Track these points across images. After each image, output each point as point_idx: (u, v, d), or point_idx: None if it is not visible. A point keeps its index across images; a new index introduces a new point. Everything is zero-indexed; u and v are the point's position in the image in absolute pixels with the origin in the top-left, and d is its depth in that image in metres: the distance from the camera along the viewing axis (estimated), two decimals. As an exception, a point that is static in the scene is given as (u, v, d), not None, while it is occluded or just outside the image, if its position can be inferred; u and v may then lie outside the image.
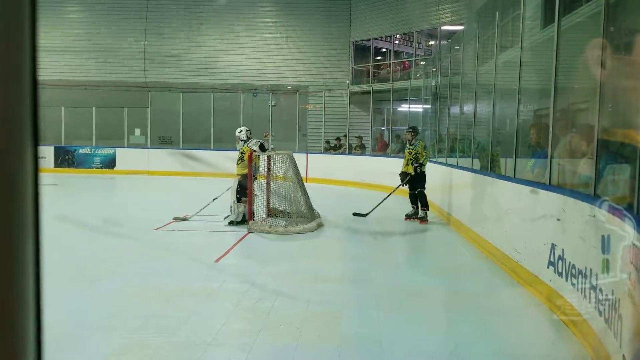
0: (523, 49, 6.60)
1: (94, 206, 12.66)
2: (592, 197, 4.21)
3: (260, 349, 3.98)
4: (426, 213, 10.28)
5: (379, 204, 10.67)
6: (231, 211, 9.50)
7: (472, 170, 8.94)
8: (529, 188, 5.97)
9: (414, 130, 10.79)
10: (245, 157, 9.26)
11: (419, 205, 10.31)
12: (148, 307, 4.96)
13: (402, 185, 10.70)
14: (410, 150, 10.49)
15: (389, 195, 10.96)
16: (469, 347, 4.24)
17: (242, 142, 9.81)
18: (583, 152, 5.02)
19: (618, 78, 4.28)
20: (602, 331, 3.58)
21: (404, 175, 10.60)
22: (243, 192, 9.24)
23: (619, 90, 4.36)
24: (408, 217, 10.45)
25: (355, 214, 10.60)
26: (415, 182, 10.36)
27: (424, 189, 10.30)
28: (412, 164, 10.38)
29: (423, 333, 4.53)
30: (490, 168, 8.11)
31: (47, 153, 21.04)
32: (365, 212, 10.57)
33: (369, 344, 4.20)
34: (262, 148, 9.70)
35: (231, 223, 9.30)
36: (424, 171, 10.39)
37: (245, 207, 9.13)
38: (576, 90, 6.56)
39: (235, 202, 9.39)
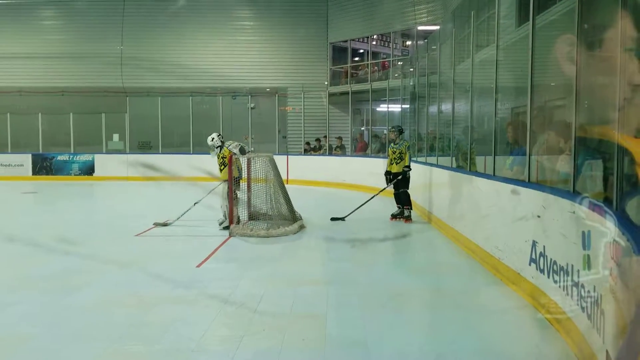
0: (499, 48, 6.64)
1: (74, 214, 12.49)
2: (572, 194, 4.24)
3: (244, 354, 3.95)
4: (410, 212, 10.32)
5: (359, 207, 10.62)
6: (225, 216, 9.38)
7: (451, 168, 8.98)
8: (508, 185, 5.99)
9: (398, 130, 10.78)
10: (227, 160, 9.18)
11: (403, 204, 10.35)
12: (129, 315, 4.89)
13: (388, 186, 10.70)
14: (394, 150, 10.50)
15: (372, 198, 10.93)
16: (454, 346, 4.25)
17: (219, 148, 9.65)
18: (561, 148, 5.05)
19: (594, 75, 4.32)
20: (586, 327, 3.60)
21: (388, 174, 10.61)
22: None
23: (595, 87, 4.40)
24: (394, 216, 10.46)
25: (333, 219, 10.52)
26: (398, 182, 10.38)
27: (407, 188, 10.33)
28: (397, 163, 10.40)
29: (408, 333, 4.53)
30: (467, 166, 8.15)
31: (24, 161, 20.82)
32: (342, 216, 10.50)
33: (355, 346, 4.18)
34: (243, 151, 9.62)
35: (226, 228, 9.07)
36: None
37: (235, 209, 9.03)
38: (553, 88, 6.60)
39: (228, 207, 9.28)
